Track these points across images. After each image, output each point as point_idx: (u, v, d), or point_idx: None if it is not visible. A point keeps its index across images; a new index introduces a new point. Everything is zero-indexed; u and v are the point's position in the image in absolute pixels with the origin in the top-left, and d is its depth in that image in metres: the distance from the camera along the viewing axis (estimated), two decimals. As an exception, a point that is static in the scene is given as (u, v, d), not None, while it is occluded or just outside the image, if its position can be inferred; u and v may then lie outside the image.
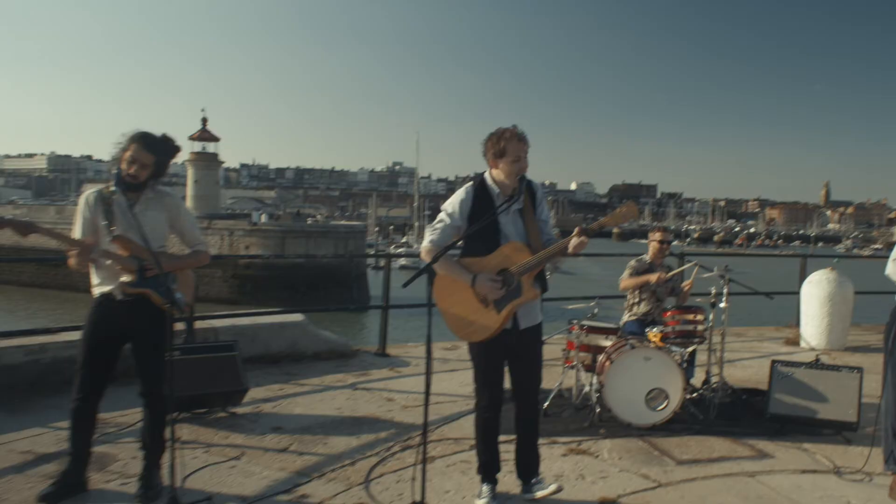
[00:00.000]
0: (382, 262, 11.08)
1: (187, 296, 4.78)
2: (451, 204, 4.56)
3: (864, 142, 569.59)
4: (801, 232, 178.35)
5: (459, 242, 4.51)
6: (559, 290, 10.25)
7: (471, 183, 4.60)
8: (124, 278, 4.57)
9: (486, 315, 4.41)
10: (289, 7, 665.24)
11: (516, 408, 4.82)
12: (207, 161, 59.15)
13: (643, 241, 15.89)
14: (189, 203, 51.33)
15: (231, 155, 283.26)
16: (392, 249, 64.98)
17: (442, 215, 4.59)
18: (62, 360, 7.06)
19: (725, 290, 7.43)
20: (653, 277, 7.48)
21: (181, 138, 4.96)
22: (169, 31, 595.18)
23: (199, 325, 7.93)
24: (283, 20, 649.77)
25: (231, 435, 6.05)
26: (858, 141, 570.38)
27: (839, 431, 6.31)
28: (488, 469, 4.77)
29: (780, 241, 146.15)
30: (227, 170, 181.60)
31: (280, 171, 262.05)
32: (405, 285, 4.25)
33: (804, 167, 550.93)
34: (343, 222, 72.04)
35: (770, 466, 5.63)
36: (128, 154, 4.56)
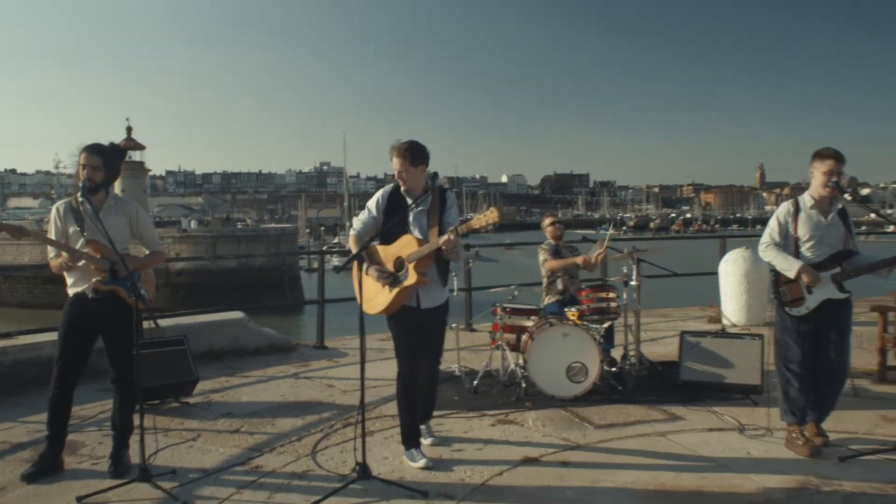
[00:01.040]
0: (316, 264, 11.41)
1: (150, 292, 5.45)
2: (372, 202, 5.47)
3: (795, 122, 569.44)
4: (738, 215, 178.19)
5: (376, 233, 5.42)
6: (484, 279, 10.76)
7: (390, 185, 5.48)
8: (96, 277, 5.12)
9: (382, 293, 5.25)
10: (209, 10, 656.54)
11: (419, 369, 5.50)
12: (134, 170, 58.22)
13: (577, 231, 16.38)
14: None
15: (157, 162, 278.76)
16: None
17: (365, 210, 5.49)
18: (22, 362, 7.54)
19: (635, 270, 7.91)
20: (579, 260, 7.95)
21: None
22: (90, 39, 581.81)
23: (145, 324, 8.16)
24: (204, 23, 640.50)
25: (186, 421, 6.50)
26: (789, 121, 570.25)
27: (747, 395, 6.84)
28: (411, 433, 5.46)
29: (717, 226, 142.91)
30: (153, 177, 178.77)
31: (207, 177, 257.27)
32: (338, 270, 5.19)
33: (737, 150, 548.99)
34: (273, 225, 71.65)
35: (681, 427, 6.14)
36: (81, 163, 5.18)
